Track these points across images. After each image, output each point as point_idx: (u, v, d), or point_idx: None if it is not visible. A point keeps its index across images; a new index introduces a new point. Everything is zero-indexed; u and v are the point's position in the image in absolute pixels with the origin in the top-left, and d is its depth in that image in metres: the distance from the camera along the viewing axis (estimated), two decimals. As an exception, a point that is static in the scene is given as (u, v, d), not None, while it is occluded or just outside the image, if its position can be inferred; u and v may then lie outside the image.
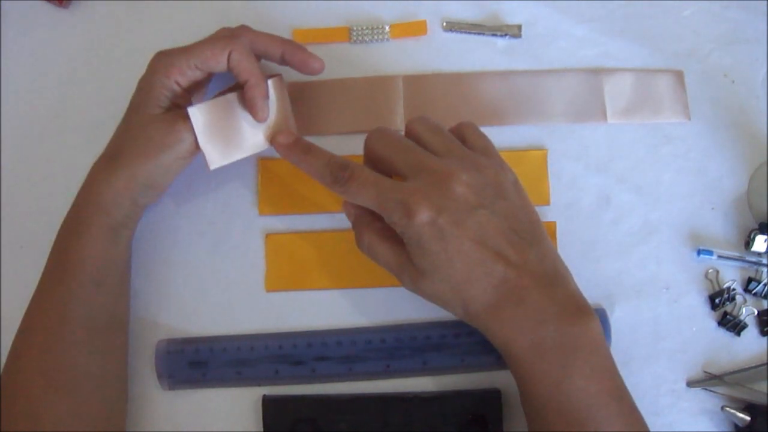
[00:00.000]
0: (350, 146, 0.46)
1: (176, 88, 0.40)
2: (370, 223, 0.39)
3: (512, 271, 0.35)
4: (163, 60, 0.40)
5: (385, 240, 0.38)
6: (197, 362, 0.42)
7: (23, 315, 0.40)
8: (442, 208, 0.35)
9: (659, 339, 0.44)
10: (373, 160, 0.39)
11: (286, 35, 0.48)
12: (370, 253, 0.39)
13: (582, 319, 0.35)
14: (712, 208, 0.46)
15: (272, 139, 0.41)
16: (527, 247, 0.36)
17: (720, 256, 0.45)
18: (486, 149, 0.39)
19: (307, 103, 0.47)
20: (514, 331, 0.35)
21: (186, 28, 0.48)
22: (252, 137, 0.41)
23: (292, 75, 0.47)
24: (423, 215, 0.35)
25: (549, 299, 0.35)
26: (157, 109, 0.40)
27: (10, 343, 0.43)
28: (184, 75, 0.40)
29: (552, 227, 0.45)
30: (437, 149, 0.38)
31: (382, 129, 0.39)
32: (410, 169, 0.37)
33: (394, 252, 0.38)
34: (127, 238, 0.41)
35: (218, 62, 0.39)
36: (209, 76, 0.42)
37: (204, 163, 0.41)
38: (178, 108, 0.41)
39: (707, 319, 0.45)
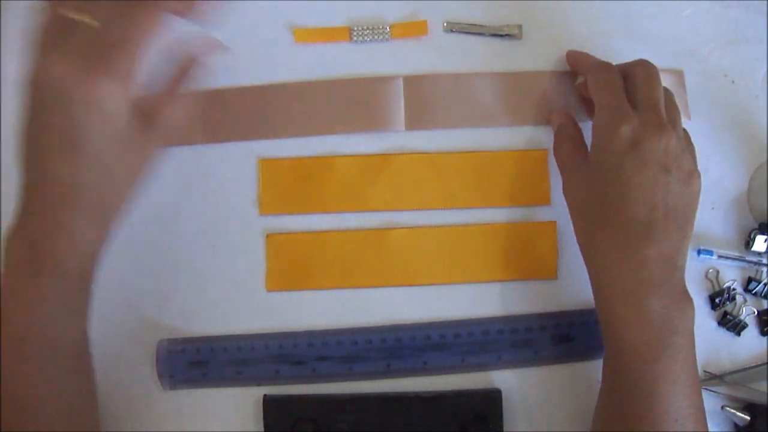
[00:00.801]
0: (350, 146, 0.46)
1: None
2: (572, 134, 0.43)
3: (656, 233, 0.36)
4: (107, 78, 0.33)
5: (576, 146, 0.42)
6: (198, 362, 0.42)
7: None
8: (644, 138, 0.37)
9: (659, 339, 0.44)
10: (627, 75, 0.41)
11: (287, 35, 0.48)
12: (558, 152, 0.44)
13: (686, 306, 0.37)
14: (712, 208, 0.46)
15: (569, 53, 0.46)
16: (677, 230, 0.37)
17: (720, 256, 0.45)
18: (692, 148, 0.41)
19: (307, 102, 0.46)
20: (625, 287, 0.37)
21: (186, 28, 0.48)
22: None
23: (291, 75, 0.47)
24: (627, 129, 0.37)
25: (671, 278, 0.37)
26: (127, 130, 0.34)
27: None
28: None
29: (552, 227, 0.45)
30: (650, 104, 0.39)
31: (653, 66, 0.41)
32: (645, 102, 0.39)
33: (577, 156, 0.41)
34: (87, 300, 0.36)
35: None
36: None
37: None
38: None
39: (707, 319, 0.45)
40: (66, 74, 0.32)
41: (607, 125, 0.38)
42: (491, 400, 0.42)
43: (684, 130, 0.41)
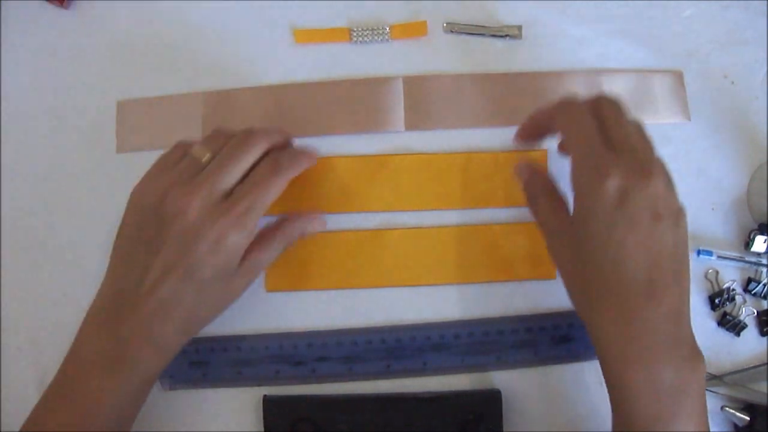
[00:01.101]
0: (350, 146, 0.46)
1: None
2: (542, 185, 0.40)
3: (657, 291, 0.34)
4: (240, 230, 0.37)
5: (554, 201, 0.39)
6: (198, 362, 0.42)
7: None
8: (633, 190, 0.34)
9: (659, 339, 0.44)
10: (595, 115, 0.38)
11: (287, 35, 0.48)
12: (535, 210, 0.40)
13: (697, 364, 0.34)
14: (712, 209, 0.46)
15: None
16: (677, 280, 0.35)
17: (720, 257, 0.45)
18: (671, 182, 0.38)
19: (307, 103, 0.47)
20: (632, 354, 0.34)
21: (186, 28, 0.48)
22: None
23: (291, 75, 0.47)
24: (615, 180, 0.34)
25: (676, 338, 0.34)
26: (235, 268, 0.38)
27: (10, 344, 0.44)
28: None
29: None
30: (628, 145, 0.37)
31: (618, 99, 0.38)
32: (620, 142, 0.36)
33: (558, 214, 0.38)
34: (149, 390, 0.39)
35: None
36: None
37: None
38: None
39: (707, 320, 0.45)
40: (201, 214, 0.36)
41: (589, 182, 0.35)
42: (491, 400, 0.42)
43: (659, 159, 0.37)
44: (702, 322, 0.45)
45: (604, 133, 0.36)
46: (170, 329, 0.36)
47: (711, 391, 0.43)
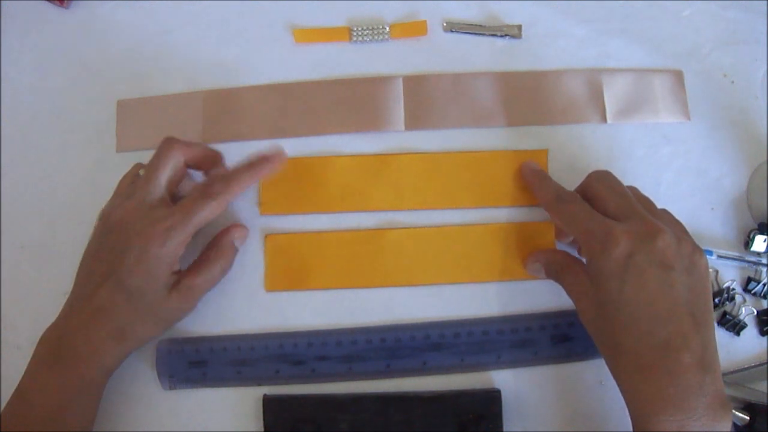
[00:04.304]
0: (350, 146, 0.46)
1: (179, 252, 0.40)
2: (561, 261, 0.41)
3: (677, 342, 0.34)
4: (166, 240, 0.38)
5: (574, 272, 0.40)
6: (198, 362, 0.42)
7: None
8: (640, 250, 0.36)
9: (659, 339, 0.44)
10: (590, 196, 0.40)
11: (286, 35, 0.48)
12: (560, 283, 0.41)
13: (725, 417, 0.34)
14: (712, 208, 0.46)
15: (524, 165, 0.45)
16: (697, 327, 0.35)
17: (719, 256, 0.45)
18: (680, 225, 0.40)
19: (306, 102, 0.47)
20: (654, 407, 0.34)
21: (186, 28, 0.48)
22: None
23: (291, 75, 0.47)
24: (621, 248, 0.36)
25: (701, 387, 0.34)
26: (166, 285, 0.39)
27: (10, 344, 0.44)
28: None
29: (551, 227, 0.45)
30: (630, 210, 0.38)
31: (608, 172, 0.41)
32: (622, 212, 0.38)
33: (581, 279, 0.39)
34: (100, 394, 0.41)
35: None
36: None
37: None
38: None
39: (707, 319, 0.45)
40: (134, 223, 0.39)
41: (597, 252, 0.37)
42: (491, 400, 0.42)
43: (665, 210, 0.40)
44: (702, 321, 0.45)
45: (601, 209, 0.39)
46: (107, 339, 0.38)
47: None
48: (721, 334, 0.45)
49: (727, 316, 0.44)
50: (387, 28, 0.48)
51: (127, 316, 0.39)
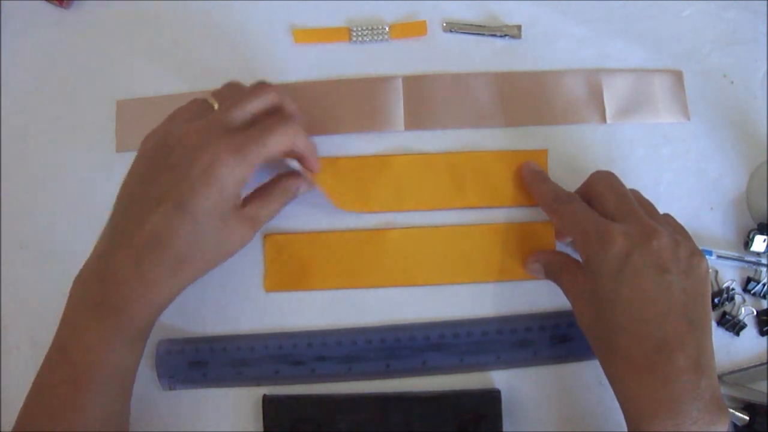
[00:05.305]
0: (350, 146, 0.46)
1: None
2: (560, 262, 0.41)
3: (671, 344, 0.34)
4: (237, 158, 0.35)
5: (573, 273, 0.40)
6: (197, 362, 0.42)
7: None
8: (636, 250, 0.36)
9: (658, 339, 0.44)
10: (590, 195, 0.40)
11: (286, 35, 0.48)
12: (559, 284, 0.41)
13: (721, 418, 0.34)
14: (712, 208, 0.46)
15: (524, 165, 0.45)
16: (693, 329, 0.35)
17: (719, 256, 0.45)
18: (681, 229, 0.40)
19: (307, 103, 0.47)
20: (648, 408, 0.34)
21: (186, 28, 0.48)
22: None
23: (291, 75, 0.47)
24: (618, 248, 0.36)
25: (696, 390, 0.34)
26: (232, 209, 0.36)
27: (10, 345, 0.44)
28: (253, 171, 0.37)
29: (551, 227, 0.45)
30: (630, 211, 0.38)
31: (610, 172, 0.41)
32: (621, 213, 0.38)
33: (578, 280, 0.39)
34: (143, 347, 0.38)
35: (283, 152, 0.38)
36: None
37: None
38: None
39: (706, 319, 0.45)
40: (200, 139, 0.35)
41: (594, 252, 0.37)
42: (490, 400, 0.42)
43: (668, 215, 0.41)
44: (701, 321, 0.45)
45: (601, 209, 0.39)
46: (163, 274, 0.35)
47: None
48: (720, 335, 0.45)
49: (727, 316, 0.44)
50: (387, 29, 0.48)
51: (187, 243, 0.35)
